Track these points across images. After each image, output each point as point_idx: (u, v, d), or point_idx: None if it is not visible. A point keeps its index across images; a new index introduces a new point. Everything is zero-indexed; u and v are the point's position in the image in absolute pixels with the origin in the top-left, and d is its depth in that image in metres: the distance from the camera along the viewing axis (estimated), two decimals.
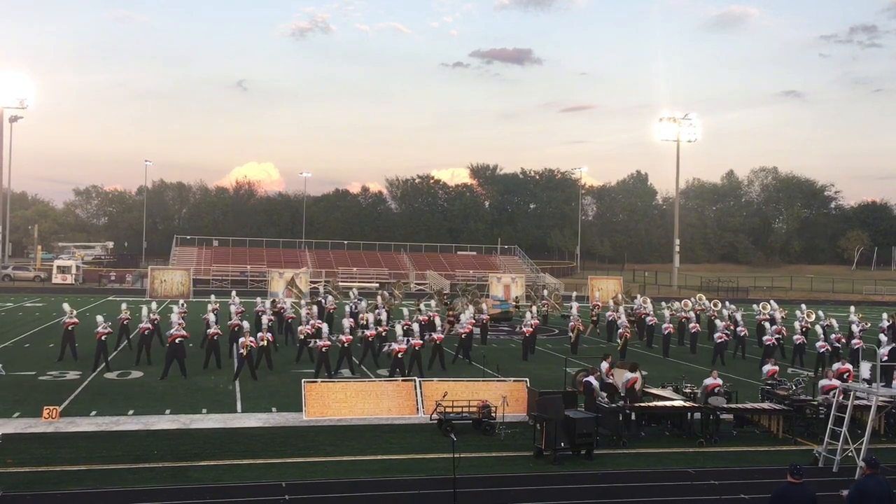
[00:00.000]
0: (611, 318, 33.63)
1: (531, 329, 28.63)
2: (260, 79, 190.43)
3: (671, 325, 30.99)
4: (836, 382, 17.50)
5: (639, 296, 39.90)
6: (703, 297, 39.07)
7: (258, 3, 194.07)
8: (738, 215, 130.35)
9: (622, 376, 18.50)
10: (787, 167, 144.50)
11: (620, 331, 29.47)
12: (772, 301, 36.25)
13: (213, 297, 33.56)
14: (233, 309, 29.97)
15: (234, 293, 35.11)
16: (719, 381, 17.95)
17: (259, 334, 24.33)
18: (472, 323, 28.77)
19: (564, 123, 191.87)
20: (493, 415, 17.25)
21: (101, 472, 13.77)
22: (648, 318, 33.22)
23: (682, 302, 36.18)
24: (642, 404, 17.36)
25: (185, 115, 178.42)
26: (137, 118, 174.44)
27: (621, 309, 33.44)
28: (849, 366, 20.19)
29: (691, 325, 32.15)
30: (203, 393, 20.73)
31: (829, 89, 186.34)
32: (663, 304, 36.74)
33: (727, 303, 37.35)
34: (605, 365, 19.23)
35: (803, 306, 34.20)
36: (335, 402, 18.37)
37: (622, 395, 17.86)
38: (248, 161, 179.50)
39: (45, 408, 17.60)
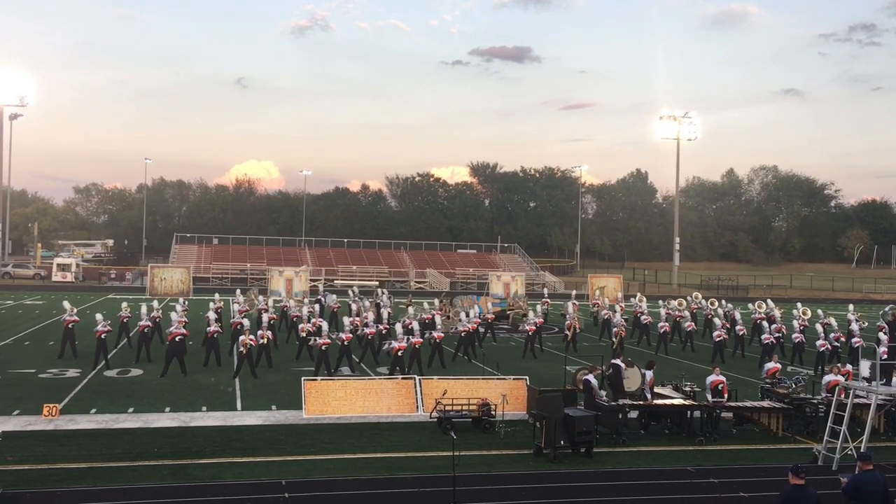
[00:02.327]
0: (606, 317, 33.60)
1: (534, 327, 28.60)
2: (260, 77, 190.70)
3: (667, 324, 31.04)
4: (840, 379, 17.44)
5: (638, 294, 39.95)
6: (700, 296, 39.08)
7: (258, 2, 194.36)
8: (738, 214, 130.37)
9: (637, 374, 18.44)
10: (786, 165, 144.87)
11: (616, 329, 29.46)
12: (768, 300, 36.25)
13: (217, 296, 33.65)
14: (235, 307, 30.04)
15: (238, 291, 35.68)
16: (722, 378, 17.96)
17: (259, 332, 24.33)
18: (478, 322, 28.81)
19: (564, 121, 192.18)
20: (492, 413, 17.25)
21: (101, 469, 13.77)
22: (643, 317, 33.22)
23: (678, 301, 36.19)
24: (644, 403, 17.37)
25: (184, 112, 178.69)
26: (137, 116, 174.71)
27: (617, 308, 33.40)
28: (850, 367, 20.14)
29: (686, 323, 32.16)
30: (203, 391, 20.75)
31: (829, 87, 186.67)
32: (660, 302, 36.74)
33: (723, 301, 37.31)
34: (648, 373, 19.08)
35: (799, 305, 34.20)
36: (335, 399, 18.38)
37: (646, 392, 17.75)
38: (247, 159, 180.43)
39: (45, 405, 17.61)
